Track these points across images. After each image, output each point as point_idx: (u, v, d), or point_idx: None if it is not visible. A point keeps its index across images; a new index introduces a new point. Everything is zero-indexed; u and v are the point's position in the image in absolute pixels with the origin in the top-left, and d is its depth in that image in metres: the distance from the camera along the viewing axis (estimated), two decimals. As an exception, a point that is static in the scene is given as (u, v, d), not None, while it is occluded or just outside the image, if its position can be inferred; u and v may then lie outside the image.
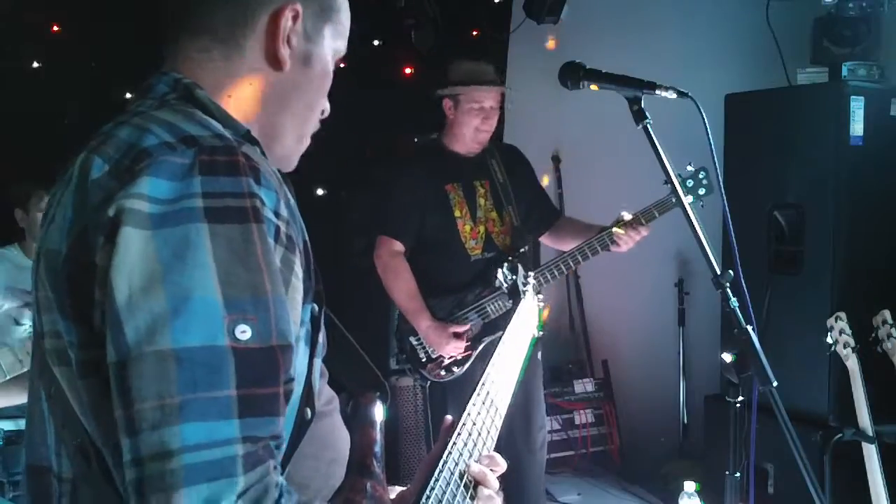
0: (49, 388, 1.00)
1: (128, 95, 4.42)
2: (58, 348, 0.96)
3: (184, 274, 0.85)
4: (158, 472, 0.82)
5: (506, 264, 2.46)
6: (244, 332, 0.86)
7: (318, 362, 1.09)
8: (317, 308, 1.06)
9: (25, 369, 2.16)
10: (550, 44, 4.74)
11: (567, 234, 3.38)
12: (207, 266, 0.86)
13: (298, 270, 0.98)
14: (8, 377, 2.14)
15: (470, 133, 3.26)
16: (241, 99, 1.09)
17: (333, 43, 1.17)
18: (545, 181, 4.89)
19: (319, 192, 5.34)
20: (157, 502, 0.82)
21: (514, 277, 2.10)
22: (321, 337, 1.09)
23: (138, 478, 0.84)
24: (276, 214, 0.94)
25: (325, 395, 1.16)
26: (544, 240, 3.56)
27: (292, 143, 1.17)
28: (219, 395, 0.85)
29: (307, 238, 1.03)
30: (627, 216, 3.06)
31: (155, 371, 0.84)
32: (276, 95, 1.12)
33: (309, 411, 1.05)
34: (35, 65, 4.54)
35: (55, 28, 4.55)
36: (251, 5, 1.08)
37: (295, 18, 1.09)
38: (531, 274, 2.33)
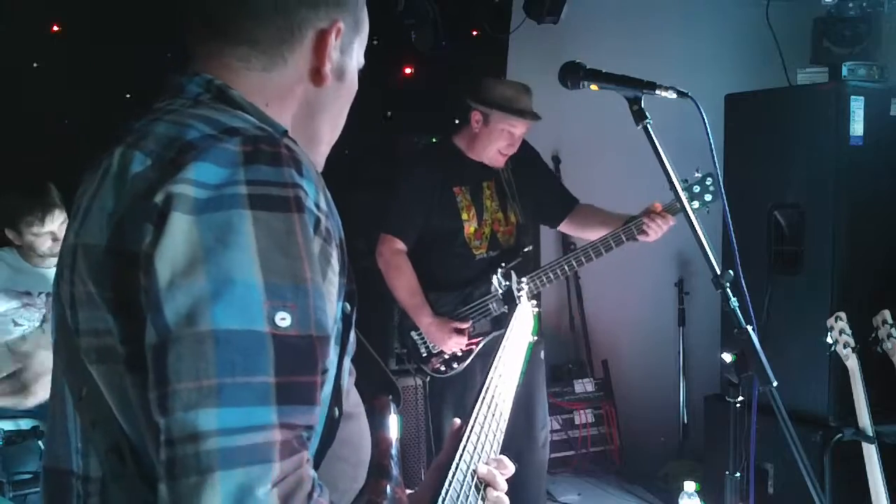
0: (80, 387, 0.99)
1: (127, 95, 4.45)
2: (98, 346, 0.95)
3: (226, 257, 0.85)
4: (192, 454, 0.81)
5: (500, 270, 2.47)
6: (283, 320, 0.86)
7: (346, 361, 1.09)
8: (349, 307, 1.05)
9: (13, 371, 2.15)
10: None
11: (590, 222, 3.36)
12: (249, 251, 0.86)
13: (335, 265, 0.98)
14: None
15: (491, 153, 3.27)
16: (278, 108, 1.08)
17: (359, 54, 1.18)
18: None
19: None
20: (189, 485, 0.81)
21: (507, 283, 2.10)
22: (351, 336, 1.09)
23: (170, 458, 0.82)
24: (317, 206, 0.94)
25: (354, 397, 1.16)
26: (564, 228, 3.55)
27: (325, 149, 1.19)
28: (257, 380, 0.84)
29: (343, 236, 1.03)
30: (658, 206, 3.04)
31: (193, 352, 0.83)
32: (313, 108, 1.12)
33: (337, 410, 1.05)
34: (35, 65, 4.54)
35: (55, 28, 4.55)
36: (299, 20, 1.07)
37: (338, 36, 1.10)
38: (524, 280, 2.34)
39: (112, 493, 0.98)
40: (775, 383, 1.67)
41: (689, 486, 3.26)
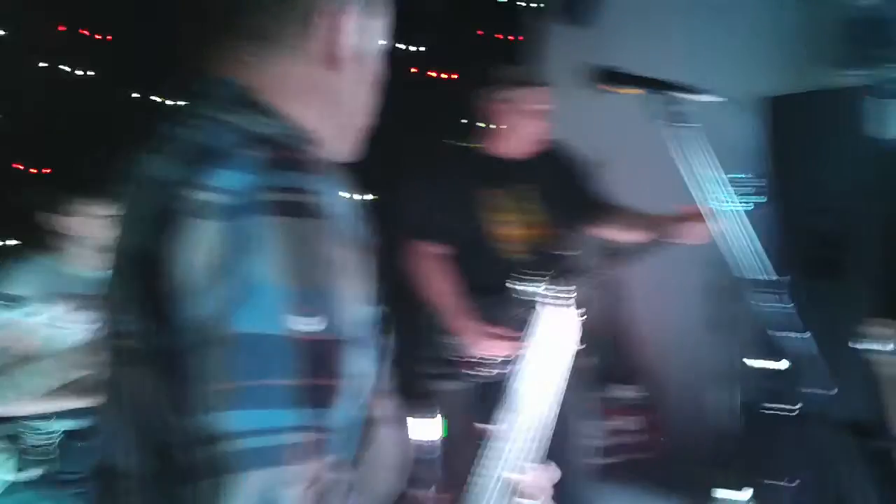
0: (121, 388, 1.02)
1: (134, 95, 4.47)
2: (132, 348, 0.98)
3: (247, 263, 0.87)
4: (213, 456, 0.83)
5: (537, 275, 2.44)
6: (305, 324, 0.88)
7: (377, 365, 1.09)
8: (377, 310, 1.06)
9: (73, 378, 2.21)
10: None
11: (624, 226, 3.35)
12: (272, 257, 0.88)
13: (360, 269, 0.99)
14: (56, 386, 2.18)
15: (525, 135, 3.26)
16: (299, 102, 1.09)
17: (378, 34, 1.17)
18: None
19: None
20: (213, 486, 0.83)
21: (545, 288, 2.09)
22: (382, 339, 1.10)
23: (192, 460, 0.85)
24: (339, 212, 0.95)
25: (388, 401, 1.16)
26: (598, 232, 3.53)
27: (354, 136, 1.19)
28: (278, 383, 0.86)
29: (369, 240, 1.04)
30: (689, 209, 3.01)
31: (217, 356, 0.85)
32: (335, 95, 1.13)
33: (370, 414, 1.06)
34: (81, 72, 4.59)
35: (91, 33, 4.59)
36: (308, 7, 1.07)
37: (347, 18, 1.10)
38: (563, 284, 2.32)
39: (151, 492, 1.00)
40: (828, 392, 1.63)
41: (731, 494, 3.21)
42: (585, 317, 2.14)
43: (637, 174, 4.82)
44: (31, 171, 4.32)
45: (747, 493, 3.25)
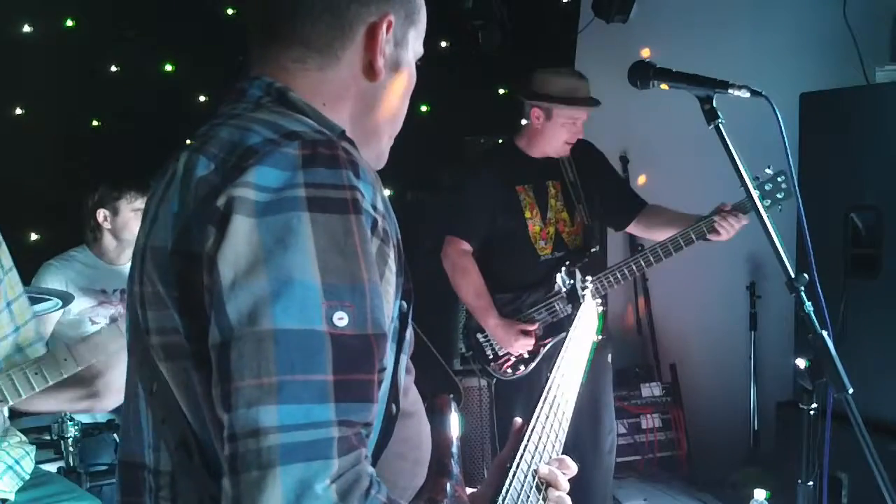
0: (150, 384, 1.03)
1: (202, 98, 4.54)
2: (166, 343, 0.99)
3: (285, 259, 0.88)
4: (254, 450, 0.84)
5: (563, 269, 2.44)
6: (341, 319, 0.88)
7: (404, 359, 1.11)
8: (405, 305, 1.08)
9: (65, 375, 2.13)
10: (646, 51, 4.65)
11: (658, 223, 3.33)
12: (308, 253, 0.88)
13: (392, 265, 1.00)
14: (50, 383, 2.13)
15: (558, 144, 3.27)
16: (335, 107, 1.11)
17: (416, 45, 1.19)
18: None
19: (386, 193, 5.36)
20: (251, 479, 0.83)
21: (571, 282, 2.08)
22: (408, 334, 1.11)
23: (232, 453, 0.85)
24: (374, 208, 0.96)
25: (413, 395, 1.17)
26: (632, 230, 3.52)
27: (385, 143, 1.21)
28: (315, 378, 0.86)
29: (400, 236, 1.05)
30: (728, 206, 3.00)
31: (254, 351, 0.86)
32: (370, 102, 1.14)
33: (395, 407, 1.06)
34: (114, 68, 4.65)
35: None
36: (349, 18, 1.09)
37: (388, 29, 1.11)
38: (589, 278, 2.33)
39: (181, 487, 1.00)
40: (851, 390, 1.62)
41: (759, 493, 3.19)
42: (605, 308, 2.13)
43: (669, 169, 4.80)
44: (78, 168, 4.39)
45: (771, 493, 3.23)
